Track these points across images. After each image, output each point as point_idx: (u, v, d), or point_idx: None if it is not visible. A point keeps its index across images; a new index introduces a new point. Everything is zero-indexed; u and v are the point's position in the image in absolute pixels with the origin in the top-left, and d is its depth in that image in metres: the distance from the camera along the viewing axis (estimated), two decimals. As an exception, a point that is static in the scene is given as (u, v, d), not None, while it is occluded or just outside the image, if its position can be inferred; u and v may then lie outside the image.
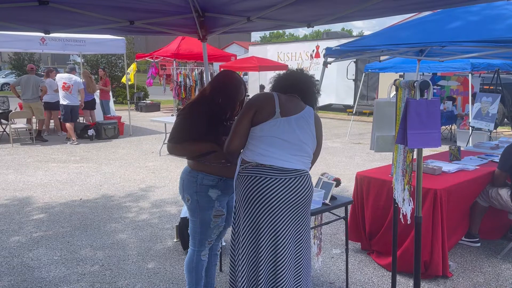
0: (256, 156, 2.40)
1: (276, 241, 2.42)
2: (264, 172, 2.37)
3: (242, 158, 2.48)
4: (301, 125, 2.45)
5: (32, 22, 4.00)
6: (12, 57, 26.00)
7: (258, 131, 2.40)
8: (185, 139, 2.69)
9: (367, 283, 3.52)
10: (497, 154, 4.69)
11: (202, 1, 3.62)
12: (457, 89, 10.81)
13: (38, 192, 6.13)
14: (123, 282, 3.54)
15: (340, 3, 3.28)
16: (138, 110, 17.53)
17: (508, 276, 3.64)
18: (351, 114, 13.26)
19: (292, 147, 2.41)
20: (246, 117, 2.42)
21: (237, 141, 2.44)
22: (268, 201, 2.36)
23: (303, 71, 2.70)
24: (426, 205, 3.47)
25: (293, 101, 2.51)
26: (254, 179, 2.38)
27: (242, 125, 2.43)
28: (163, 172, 7.33)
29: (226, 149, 2.49)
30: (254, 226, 2.41)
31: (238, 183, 2.48)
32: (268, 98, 2.45)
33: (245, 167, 2.44)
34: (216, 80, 2.84)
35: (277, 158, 2.38)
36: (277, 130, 2.39)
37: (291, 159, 2.41)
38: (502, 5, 4.10)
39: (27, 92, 10.26)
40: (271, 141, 2.39)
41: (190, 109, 2.77)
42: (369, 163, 7.83)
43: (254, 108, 2.42)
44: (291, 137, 2.41)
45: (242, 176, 2.44)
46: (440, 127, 2.43)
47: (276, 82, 2.67)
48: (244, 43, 36.81)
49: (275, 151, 2.38)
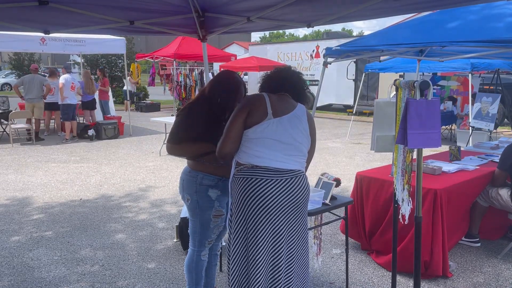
0: (250, 158, 2.39)
1: (276, 242, 2.41)
2: (259, 174, 2.36)
3: (236, 161, 2.46)
4: (294, 124, 2.44)
5: (32, 22, 4.00)
6: (12, 57, 26.00)
7: (251, 134, 2.39)
8: (184, 140, 2.69)
9: (367, 283, 3.52)
10: (497, 154, 4.69)
11: (202, 1, 3.63)
12: (457, 89, 10.81)
13: (38, 192, 6.13)
14: (123, 282, 3.54)
15: (340, 3, 3.28)
16: (138, 110, 17.53)
17: (508, 276, 3.64)
18: (351, 114, 13.25)
19: (287, 147, 2.40)
20: (238, 120, 2.40)
21: (230, 144, 2.41)
22: (265, 202, 2.35)
23: (291, 68, 2.67)
24: (426, 205, 3.47)
25: (284, 100, 2.50)
26: (250, 181, 2.37)
27: (235, 128, 2.40)
28: (163, 172, 7.33)
29: (218, 153, 2.44)
30: (252, 228, 2.40)
31: (233, 185, 2.47)
32: (259, 100, 2.43)
33: (240, 169, 2.42)
34: (215, 80, 2.84)
35: (272, 159, 2.37)
36: (271, 131, 2.37)
37: (286, 160, 2.40)
38: (502, 5, 4.10)
39: (32, 91, 10.29)
40: (265, 142, 2.37)
41: (189, 110, 2.77)
42: (369, 163, 7.83)
43: (246, 110, 2.40)
44: (285, 137, 2.40)
45: (238, 178, 2.43)
46: (440, 127, 2.43)
47: (265, 82, 2.65)
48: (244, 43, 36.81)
49: (270, 152, 2.38)
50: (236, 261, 2.46)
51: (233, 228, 2.48)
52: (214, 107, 2.74)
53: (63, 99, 10.13)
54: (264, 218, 2.37)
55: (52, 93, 10.53)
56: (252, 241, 2.40)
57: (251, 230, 2.40)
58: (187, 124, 2.71)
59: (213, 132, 2.68)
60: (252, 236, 2.40)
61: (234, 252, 2.47)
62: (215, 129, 2.70)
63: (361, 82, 12.43)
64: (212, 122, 2.72)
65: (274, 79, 2.61)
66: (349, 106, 16.30)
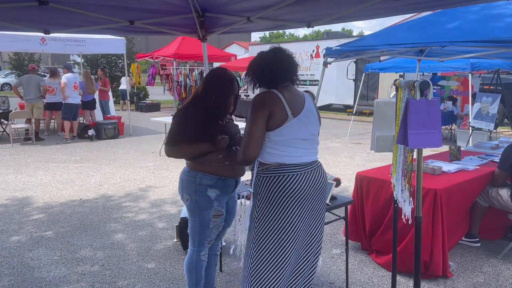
0: (276, 158, 2.41)
1: (310, 233, 2.52)
2: (288, 171, 2.40)
3: (259, 161, 2.45)
4: (309, 119, 2.48)
5: (32, 22, 4.00)
6: (12, 57, 25.99)
7: (275, 136, 2.39)
8: (182, 141, 2.68)
9: (367, 283, 3.52)
10: (497, 154, 4.69)
11: (202, 1, 3.63)
12: (457, 89, 10.81)
13: (38, 192, 6.13)
14: (123, 282, 3.54)
15: (340, 3, 3.28)
16: (138, 110, 17.53)
17: (508, 276, 3.64)
18: (351, 114, 13.25)
19: (306, 142, 2.46)
20: (260, 122, 2.35)
21: (255, 148, 2.37)
22: (297, 196, 2.40)
23: (272, 52, 2.50)
24: (426, 205, 3.47)
25: (293, 93, 2.48)
26: (279, 178, 2.39)
27: (259, 131, 2.36)
28: (163, 172, 7.33)
29: (244, 158, 2.38)
30: (288, 223, 2.42)
31: (260, 184, 2.45)
32: (276, 101, 2.38)
33: (266, 168, 2.43)
34: (208, 78, 2.81)
35: (296, 156, 2.43)
36: (293, 132, 2.40)
37: (307, 153, 2.47)
38: (502, 5, 4.10)
39: (30, 92, 10.28)
40: (289, 142, 2.41)
41: (185, 111, 2.75)
42: (369, 163, 7.83)
43: (266, 113, 2.35)
44: (305, 134, 2.45)
45: (265, 177, 2.42)
46: (440, 127, 2.43)
47: (261, 78, 2.50)
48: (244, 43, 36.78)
49: (294, 150, 2.42)
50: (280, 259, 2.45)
51: (263, 225, 2.45)
52: (208, 104, 2.73)
53: (65, 98, 10.12)
54: (298, 211, 2.42)
55: (54, 93, 10.51)
56: (286, 233, 2.42)
57: (285, 224, 2.42)
58: (184, 126, 2.70)
59: (209, 131, 2.68)
60: (285, 229, 2.42)
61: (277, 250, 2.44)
62: (212, 129, 2.70)
63: (361, 82, 12.43)
64: (209, 121, 2.72)
65: (269, 73, 2.45)
66: (349, 106, 16.30)
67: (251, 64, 2.55)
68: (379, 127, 2.93)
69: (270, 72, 2.46)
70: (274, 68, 2.45)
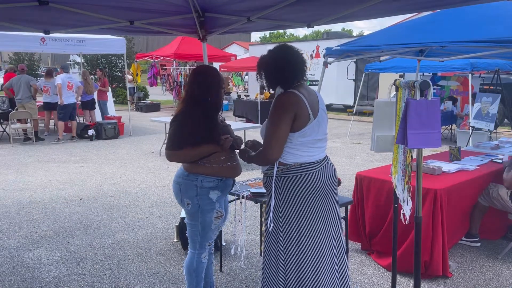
0: (297, 158, 2.44)
1: (336, 223, 2.56)
2: (309, 169, 2.44)
3: (279, 161, 2.45)
4: (323, 118, 2.51)
5: (32, 22, 4.00)
6: (12, 57, 25.99)
7: (298, 137, 2.40)
8: (185, 145, 2.65)
9: (367, 283, 3.52)
10: (497, 154, 4.69)
11: (202, 1, 3.63)
12: (457, 89, 10.81)
13: (38, 192, 6.13)
14: (123, 282, 3.54)
15: (340, 3, 3.28)
16: (138, 110, 17.53)
17: (508, 276, 3.64)
18: (351, 114, 13.26)
19: (320, 141, 2.52)
20: (285, 123, 2.35)
21: (279, 149, 2.38)
22: (321, 191, 2.46)
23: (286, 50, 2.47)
24: (426, 205, 3.47)
25: (311, 93, 2.48)
26: (302, 177, 2.42)
27: (284, 132, 2.36)
28: (163, 172, 7.32)
29: (267, 158, 2.41)
30: (319, 218, 2.45)
31: (281, 184, 2.44)
32: (300, 102, 2.37)
33: (287, 167, 2.43)
34: (202, 78, 2.74)
35: (314, 155, 2.49)
36: (313, 132, 2.44)
37: (321, 151, 2.55)
38: (502, 5, 4.11)
39: (19, 92, 10.18)
40: (309, 143, 2.45)
41: (184, 114, 2.70)
42: (369, 163, 7.83)
43: (291, 115, 2.35)
44: (321, 134, 2.50)
45: (287, 177, 2.43)
46: (440, 127, 2.43)
47: (278, 77, 2.46)
48: (244, 43, 36.79)
49: (313, 149, 2.48)
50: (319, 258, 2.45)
51: (291, 225, 2.44)
52: (208, 106, 2.70)
53: (62, 102, 10.11)
54: (323, 205, 2.47)
55: (48, 93, 10.46)
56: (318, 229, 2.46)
57: (316, 220, 2.45)
58: (186, 129, 2.65)
59: (212, 132, 2.67)
60: (317, 224, 2.45)
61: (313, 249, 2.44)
62: (214, 129, 2.69)
63: (361, 82, 12.43)
64: (210, 122, 2.70)
65: (285, 71, 2.42)
66: (349, 106, 16.31)
67: (262, 63, 2.52)
68: (379, 127, 2.94)
69: (287, 70, 2.43)
70: (290, 67, 2.43)
